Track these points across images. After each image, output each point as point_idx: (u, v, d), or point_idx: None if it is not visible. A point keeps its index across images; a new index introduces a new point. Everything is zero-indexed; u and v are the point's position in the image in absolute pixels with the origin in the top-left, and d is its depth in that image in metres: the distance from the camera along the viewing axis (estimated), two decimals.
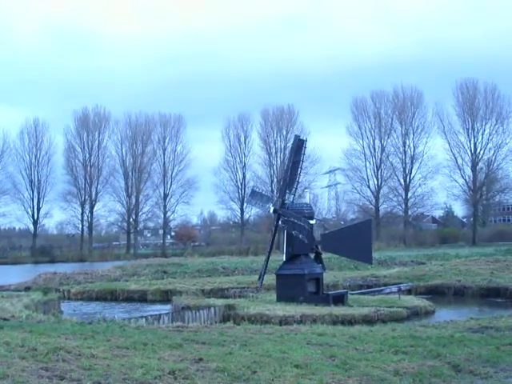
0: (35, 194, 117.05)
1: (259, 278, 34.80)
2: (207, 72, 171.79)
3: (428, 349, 14.52)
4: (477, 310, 32.03)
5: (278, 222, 34.01)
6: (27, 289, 43.12)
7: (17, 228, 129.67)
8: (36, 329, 16.01)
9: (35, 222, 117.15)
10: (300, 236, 31.36)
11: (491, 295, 37.27)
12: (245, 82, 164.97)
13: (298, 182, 33.91)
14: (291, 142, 36.57)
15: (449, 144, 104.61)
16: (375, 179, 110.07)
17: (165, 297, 39.19)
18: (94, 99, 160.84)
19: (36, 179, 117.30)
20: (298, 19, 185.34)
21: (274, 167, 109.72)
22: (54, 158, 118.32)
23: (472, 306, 34.45)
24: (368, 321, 26.10)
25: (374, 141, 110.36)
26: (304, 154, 33.91)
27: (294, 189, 33.73)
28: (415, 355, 13.72)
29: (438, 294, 38.59)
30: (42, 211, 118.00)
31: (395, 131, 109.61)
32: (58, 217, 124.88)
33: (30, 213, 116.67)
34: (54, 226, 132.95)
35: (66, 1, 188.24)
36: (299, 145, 33.73)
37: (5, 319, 21.13)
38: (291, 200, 33.73)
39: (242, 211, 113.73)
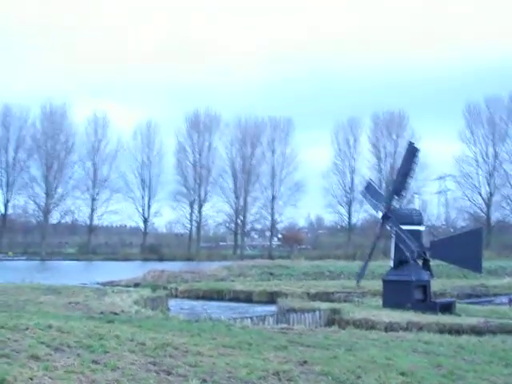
0: (146, 193, 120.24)
1: (358, 276, 34.53)
2: (317, 74, 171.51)
3: None
4: None
5: (382, 226, 33.81)
6: (136, 285, 44.23)
7: (128, 226, 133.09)
8: (145, 324, 16.37)
9: (145, 221, 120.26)
10: (407, 254, 31.13)
11: None
12: (355, 84, 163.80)
13: (406, 189, 33.50)
14: (400, 146, 36.20)
15: None
16: (487, 187, 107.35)
17: (270, 298, 39.39)
18: (205, 101, 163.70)
19: (147, 179, 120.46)
20: (413, 18, 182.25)
21: (383, 172, 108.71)
22: (164, 158, 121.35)
23: None
24: (476, 331, 25.42)
25: (487, 147, 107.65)
26: (416, 163, 33.49)
27: (402, 196, 33.37)
28: None
29: None
30: (152, 210, 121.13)
31: (510, 138, 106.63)
32: (168, 216, 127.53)
33: (141, 211, 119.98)
34: (164, 225, 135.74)
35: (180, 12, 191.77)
36: (412, 152, 33.31)
37: (115, 313, 21.72)
38: (399, 206, 33.47)
39: (350, 215, 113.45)
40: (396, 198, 33.52)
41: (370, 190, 35.56)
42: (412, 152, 33.33)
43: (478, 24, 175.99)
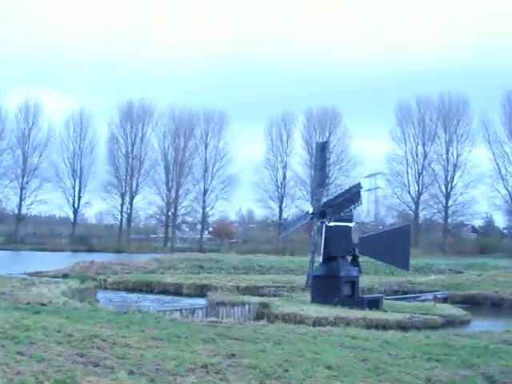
0: (77, 182, 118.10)
1: (307, 279, 34.70)
2: (254, 69, 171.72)
3: (462, 358, 14.34)
4: None
5: (315, 222, 34.20)
6: (65, 276, 43.64)
7: (57, 216, 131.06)
8: (72, 315, 16.21)
9: (75, 211, 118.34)
10: (353, 206, 32.04)
11: None
12: (291, 80, 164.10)
13: (326, 179, 34.29)
14: (333, 143, 37.23)
15: (493, 153, 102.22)
16: (416, 185, 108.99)
17: (200, 291, 39.40)
18: (140, 91, 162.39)
19: (78, 168, 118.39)
20: (350, 18, 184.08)
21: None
22: (96, 148, 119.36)
23: (509, 317, 33.92)
24: (402, 327, 25.92)
25: (416, 147, 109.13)
26: (329, 151, 34.37)
27: (325, 186, 33.99)
28: (448, 364, 13.58)
29: (474, 304, 38.07)
30: (83, 200, 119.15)
31: (439, 138, 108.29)
32: (98, 207, 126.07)
33: (71, 201, 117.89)
34: (94, 216, 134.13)
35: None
36: (321, 149, 34.21)
37: (42, 304, 21.42)
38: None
39: (281, 210, 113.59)
40: (320, 190, 33.97)
41: (288, 225, 36.46)
42: (321, 149, 34.17)
43: (412, 25, 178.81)
